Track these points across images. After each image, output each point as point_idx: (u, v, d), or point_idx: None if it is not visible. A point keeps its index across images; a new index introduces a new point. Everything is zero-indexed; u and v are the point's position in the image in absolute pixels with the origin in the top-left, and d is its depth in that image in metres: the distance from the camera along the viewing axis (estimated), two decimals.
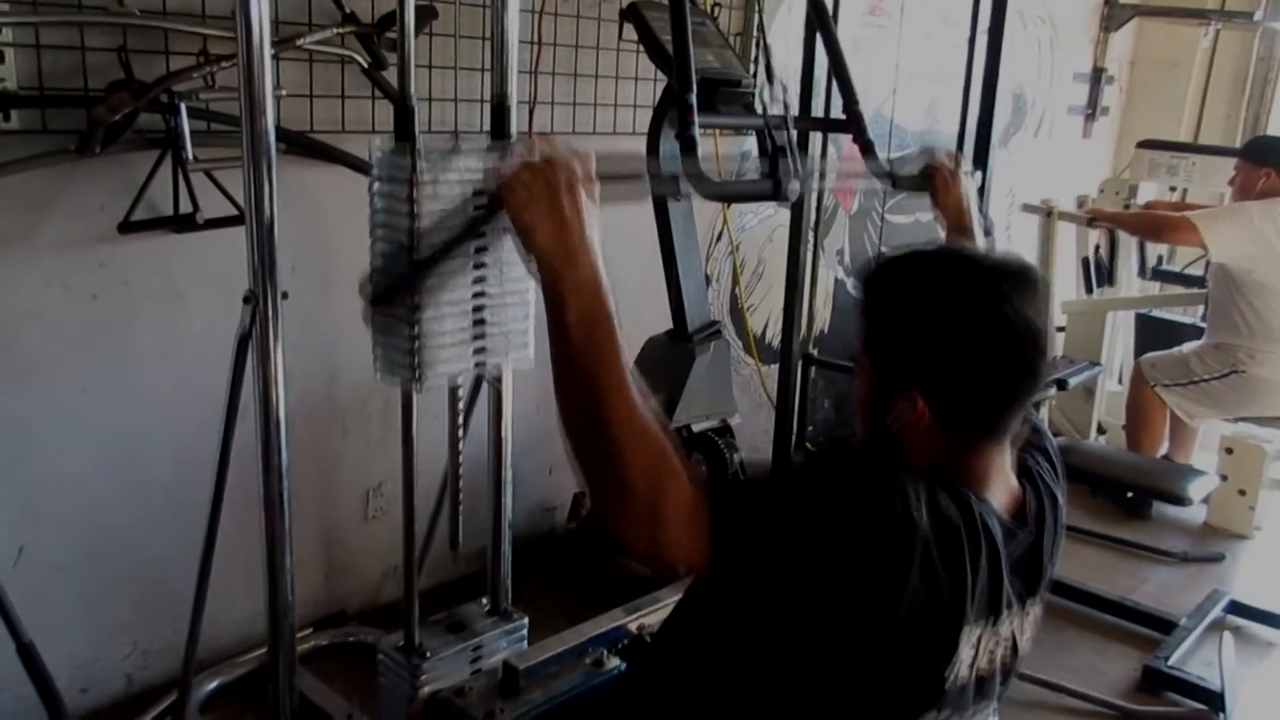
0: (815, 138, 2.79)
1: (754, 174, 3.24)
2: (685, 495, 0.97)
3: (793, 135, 1.84)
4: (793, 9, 3.14)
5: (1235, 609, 2.92)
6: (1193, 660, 2.64)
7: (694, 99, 1.85)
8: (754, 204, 3.31)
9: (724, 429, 2.68)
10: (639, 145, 2.26)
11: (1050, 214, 4.05)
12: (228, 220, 1.98)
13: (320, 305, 2.29)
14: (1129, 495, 3.58)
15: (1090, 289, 4.17)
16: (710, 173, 1.99)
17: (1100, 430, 4.09)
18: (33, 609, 1.73)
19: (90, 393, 2.04)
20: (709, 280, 3.20)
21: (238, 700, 2.24)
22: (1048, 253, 4.08)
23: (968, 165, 1.76)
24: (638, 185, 1.32)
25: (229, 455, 1.71)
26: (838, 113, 2.35)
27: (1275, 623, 2.86)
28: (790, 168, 1.77)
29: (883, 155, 2.20)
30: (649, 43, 2.24)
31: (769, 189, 1.81)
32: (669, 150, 2.15)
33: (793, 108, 2.59)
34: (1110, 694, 2.48)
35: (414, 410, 1.69)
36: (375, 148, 1.44)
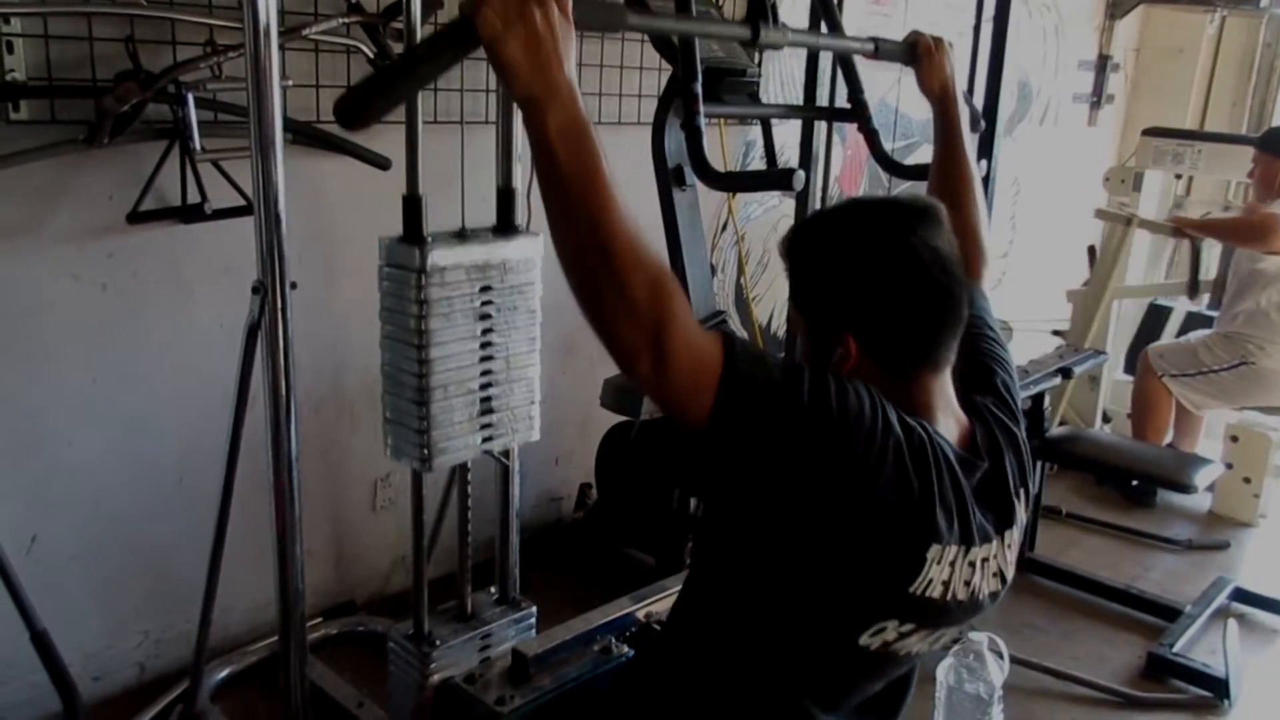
0: (820, 126, 2.79)
1: (759, 163, 3.25)
2: (692, 328, 0.98)
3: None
4: None
5: (1240, 596, 2.92)
6: (1197, 647, 2.65)
7: (699, 88, 1.85)
8: (759, 193, 3.31)
9: None
10: (642, 135, 2.25)
11: (1129, 222, 3.86)
12: (235, 210, 1.99)
13: (327, 296, 2.30)
14: (1134, 483, 3.59)
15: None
16: (715, 162, 2.00)
17: (1105, 419, 4.09)
18: (45, 597, 1.74)
19: (100, 383, 2.05)
20: (714, 270, 3.20)
21: (249, 688, 2.25)
22: (1114, 261, 3.89)
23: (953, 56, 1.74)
24: (612, 9, 1.29)
25: (239, 444, 1.73)
26: (842, 102, 2.36)
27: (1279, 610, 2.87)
28: None
29: (887, 144, 2.21)
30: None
31: (774, 178, 1.81)
32: (674, 140, 2.16)
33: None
34: (1115, 681, 2.49)
35: None
36: None
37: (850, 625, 1.11)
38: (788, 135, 3.06)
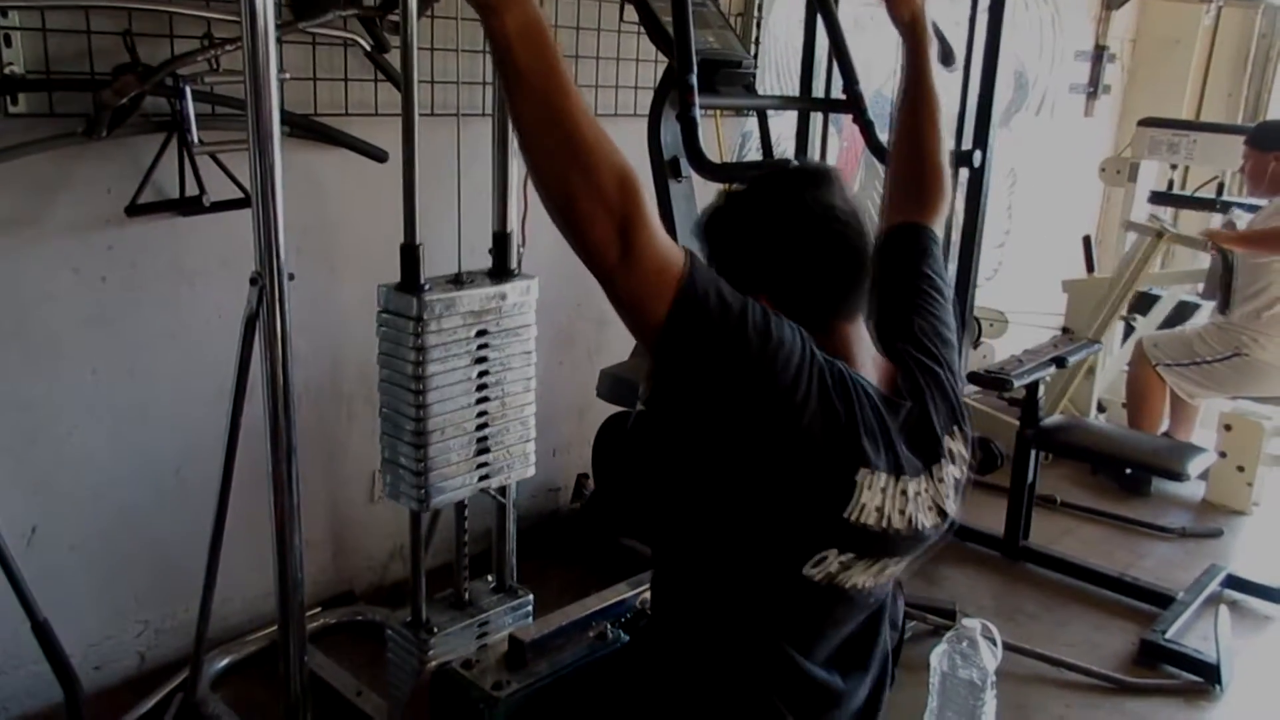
0: (816, 118, 2.80)
1: (755, 154, 3.25)
2: (660, 231, 1.02)
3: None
4: None
5: (1232, 583, 2.94)
6: (1190, 634, 2.67)
7: (695, 80, 1.86)
8: None
9: None
10: (639, 126, 2.26)
11: (1160, 235, 3.71)
12: (234, 203, 2.00)
13: (325, 287, 2.31)
14: (1128, 472, 3.60)
15: (1091, 268, 4.16)
16: (711, 154, 2.01)
17: (1100, 408, 4.11)
18: (46, 587, 1.75)
19: (100, 374, 2.06)
20: None
21: (248, 677, 2.27)
22: (1138, 271, 3.72)
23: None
24: None
25: (238, 435, 1.74)
26: (838, 93, 2.36)
27: (1271, 596, 2.89)
28: None
29: (883, 135, 2.21)
30: (649, 24, 2.24)
31: (770, 169, 1.82)
32: (670, 132, 2.16)
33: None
34: (1108, 667, 2.51)
35: None
36: None
37: (792, 554, 1.15)
38: (784, 126, 3.07)
